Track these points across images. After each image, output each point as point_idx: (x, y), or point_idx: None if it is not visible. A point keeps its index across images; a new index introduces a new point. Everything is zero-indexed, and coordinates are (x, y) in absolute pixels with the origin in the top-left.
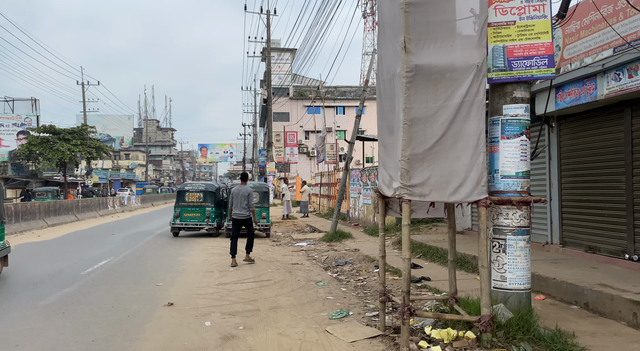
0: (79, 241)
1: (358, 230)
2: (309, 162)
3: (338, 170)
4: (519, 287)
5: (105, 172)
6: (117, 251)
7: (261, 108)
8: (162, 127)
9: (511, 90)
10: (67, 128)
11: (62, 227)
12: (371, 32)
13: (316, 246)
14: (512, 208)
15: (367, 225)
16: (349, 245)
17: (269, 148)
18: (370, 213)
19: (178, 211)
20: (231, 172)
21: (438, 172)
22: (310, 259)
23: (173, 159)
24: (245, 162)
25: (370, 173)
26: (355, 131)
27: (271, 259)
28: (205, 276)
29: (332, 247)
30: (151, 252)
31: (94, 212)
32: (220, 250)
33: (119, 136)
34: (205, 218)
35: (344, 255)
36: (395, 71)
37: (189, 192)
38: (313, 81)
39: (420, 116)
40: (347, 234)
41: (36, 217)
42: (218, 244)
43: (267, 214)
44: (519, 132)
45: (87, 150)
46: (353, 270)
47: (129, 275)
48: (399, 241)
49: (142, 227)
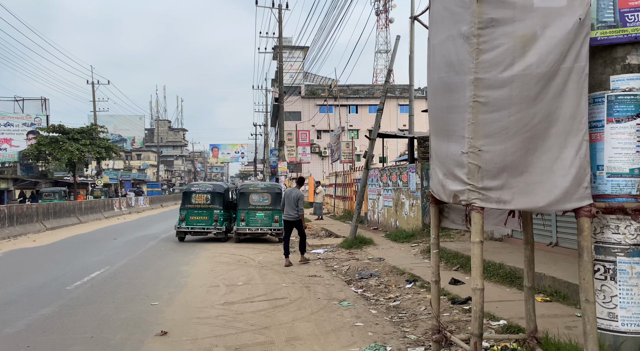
0: (76, 247)
1: (379, 235)
2: (321, 162)
3: (355, 170)
4: (637, 330)
5: (115, 172)
6: (115, 259)
7: (272, 107)
8: (174, 128)
9: (623, 54)
10: (76, 127)
11: (62, 230)
12: (384, 29)
13: (335, 254)
14: (624, 219)
15: (388, 229)
16: (372, 253)
17: (281, 148)
18: (391, 216)
19: (184, 214)
20: (242, 172)
21: (523, 170)
22: (330, 270)
23: (185, 159)
24: (256, 162)
25: (391, 172)
26: (377, 126)
27: (285, 269)
28: (210, 292)
29: (352, 255)
30: (152, 260)
31: (99, 213)
32: (229, 257)
33: (130, 136)
34: (213, 222)
35: (368, 265)
36: (460, 29)
37: (195, 193)
38: (325, 79)
39: (495, 90)
40: (368, 240)
41: (33, 220)
42: (226, 250)
43: (280, 218)
44: (634, 113)
45: (96, 150)
46: (380, 285)
47: (120, 291)
48: (428, 249)
49: (147, 230)
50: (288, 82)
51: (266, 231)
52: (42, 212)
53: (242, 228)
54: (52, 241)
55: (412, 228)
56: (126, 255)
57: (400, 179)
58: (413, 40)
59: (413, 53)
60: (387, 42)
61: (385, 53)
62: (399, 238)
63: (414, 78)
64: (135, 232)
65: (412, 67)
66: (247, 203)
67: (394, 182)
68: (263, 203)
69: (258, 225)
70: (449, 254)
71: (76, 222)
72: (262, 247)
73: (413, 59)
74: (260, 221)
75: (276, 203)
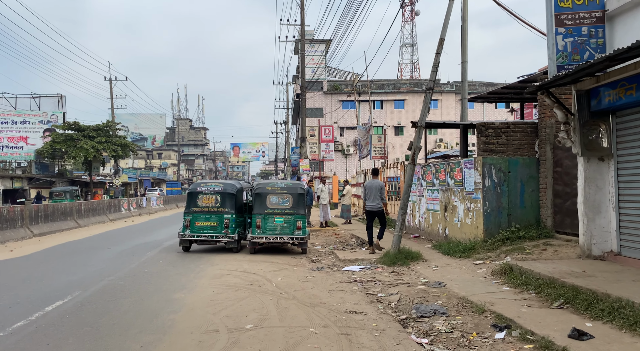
0: (56, 260)
1: (423, 245)
2: (344, 160)
3: (388, 167)
4: None
5: (135, 171)
6: (94, 278)
7: (293, 104)
8: (195, 126)
9: None
10: (91, 125)
11: (52, 236)
12: (409, 22)
13: (374, 272)
14: None
15: (433, 238)
16: (424, 273)
17: (303, 144)
18: (438, 222)
19: (188, 219)
20: (263, 171)
21: None
22: (373, 300)
23: (206, 158)
24: (277, 160)
25: (438, 169)
26: (425, 110)
27: (312, 299)
28: (202, 345)
29: (399, 276)
30: (140, 282)
31: (102, 216)
32: (239, 277)
33: (151, 135)
34: (224, 229)
35: (425, 294)
36: None
37: (202, 194)
38: (347, 74)
39: None
40: (415, 254)
41: (17, 225)
42: (237, 265)
43: (303, 224)
44: None
45: (112, 147)
46: (454, 332)
47: (73, 338)
48: (503, 270)
49: (151, 236)
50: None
51: (287, 240)
52: (28, 215)
53: (258, 236)
54: (33, 251)
55: (469, 239)
56: (111, 272)
57: (450, 177)
58: (466, 7)
59: (466, 22)
60: (412, 35)
61: (410, 47)
62: (453, 251)
63: (467, 53)
64: (136, 238)
65: (465, 38)
66: (264, 206)
67: (441, 180)
68: (283, 206)
69: (277, 233)
70: (539, 281)
71: (74, 226)
72: (282, 261)
73: (466, 30)
74: (279, 228)
75: (299, 206)
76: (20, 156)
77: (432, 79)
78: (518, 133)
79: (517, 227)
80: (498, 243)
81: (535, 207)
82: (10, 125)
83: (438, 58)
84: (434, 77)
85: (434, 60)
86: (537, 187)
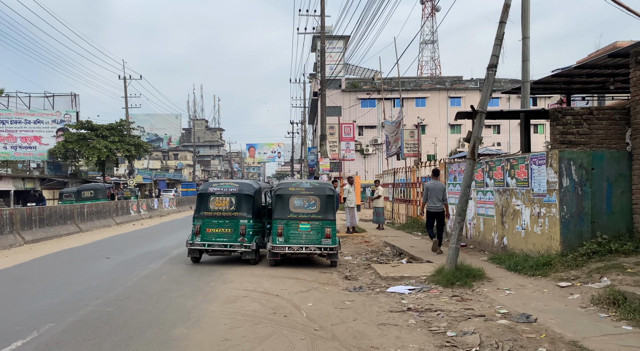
0: (41, 273)
1: (475, 257)
2: (363, 160)
3: (423, 165)
4: None
5: (150, 172)
6: (77, 302)
7: (310, 102)
8: (211, 127)
9: None
10: (104, 124)
11: (47, 243)
12: (430, 18)
13: (429, 296)
14: None
15: (485, 247)
16: (498, 299)
17: (323, 143)
18: (492, 229)
19: (199, 224)
20: (279, 172)
21: None
22: (443, 344)
23: (222, 159)
24: (293, 161)
25: (492, 166)
26: (487, 93)
27: (358, 341)
28: None
29: (464, 303)
30: (133, 308)
31: (108, 219)
32: (259, 300)
33: (166, 135)
34: (239, 236)
35: (512, 333)
36: None
37: (214, 195)
38: (367, 71)
39: None
40: (477, 272)
41: (4, 231)
42: (256, 284)
43: (333, 231)
44: None
45: (125, 147)
46: None
47: None
48: (611, 299)
49: (158, 242)
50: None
51: (313, 250)
52: (19, 219)
53: (280, 246)
54: (17, 262)
55: (539, 252)
56: (101, 293)
57: (511, 176)
58: None
59: None
60: (433, 31)
61: (431, 43)
62: (521, 267)
63: (529, 27)
64: (142, 245)
65: (526, 10)
66: (287, 210)
67: (497, 180)
68: (309, 210)
69: (302, 242)
70: None
71: (74, 230)
72: (309, 277)
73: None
74: (304, 236)
75: (327, 210)
76: (34, 156)
77: (496, 53)
78: (603, 121)
79: (604, 237)
80: (582, 258)
81: (627, 212)
82: (23, 124)
83: (503, 27)
84: (498, 51)
85: (498, 31)
86: (629, 187)
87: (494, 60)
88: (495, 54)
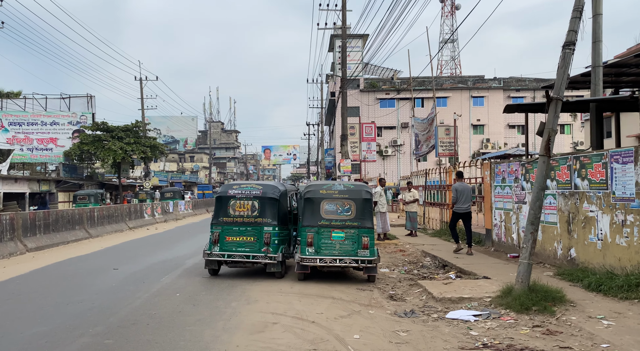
0: (37, 289)
1: (538, 271)
2: (382, 162)
3: (461, 166)
4: None
5: (166, 174)
6: (70, 330)
7: (327, 103)
8: (227, 129)
9: None
10: (120, 125)
11: (52, 251)
12: (449, 17)
13: (502, 325)
14: None
15: (545, 259)
16: (595, 331)
17: (344, 143)
18: (555, 239)
19: (217, 232)
20: (294, 174)
21: None
22: None
23: (237, 162)
24: (309, 163)
25: (555, 166)
26: (564, 75)
27: None
28: None
29: (553, 338)
30: (137, 339)
31: (121, 223)
32: (293, 330)
33: (182, 138)
34: (263, 246)
35: None
36: None
37: (235, 198)
38: (385, 71)
39: None
40: (555, 293)
41: (4, 238)
42: (287, 304)
43: (371, 240)
44: None
45: (141, 148)
46: None
47: None
48: None
49: (172, 249)
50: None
51: (349, 263)
52: (22, 225)
53: (310, 257)
54: (14, 275)
55: (627, 268)
56: (101, 317)
57: (581, 176)
58: None
59: None
60: (452, 30)
61: (451, 43)
62: (607, 287)
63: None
64: (155, 253)
65: None
66: (318, 216)
67: (561, 181)
68: (343, 216)
69: (335, 253)
70: None
71: (83, 236)
72: (347, 295)
73: None
74: (338, 246)
75: (364, 216)
76: (50, 158)
77: (574, 28)
78: None
79: None
80: None
81: None
82: (40, 126)
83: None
84: (576, 24)
85: (576, 2)
86: None
87: (572, 37)
88: (573, 29)
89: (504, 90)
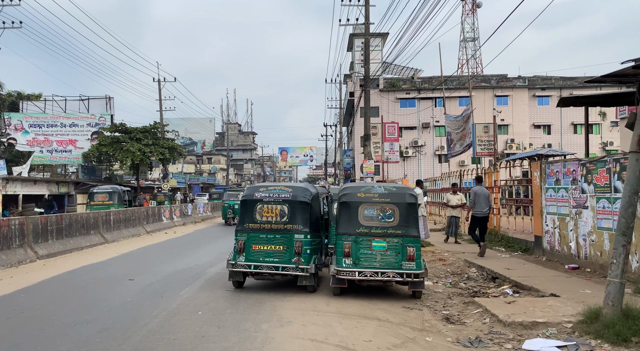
0: (42, 305)
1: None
2: (403, 163)
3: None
4: None
5: (184, 176)
6: None
7: (346, 103)
8: (244, 131)
9: None
10: (138, 126)
11: (64, 258)
12: (470, 15)
13: None
14: None
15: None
16: None
17: (367, 143)
18: None
19: (242, 240)
20: (311, 176)
21: None
22: None
23: (254, 163)
24: (326, 165)
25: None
26: None
27: None
28: None
29: None
30: None
31: (138, 227)
32: None
33: (200, 139)
34: (294, 256)
35: None
36: None
37: (262, 202)
38: (406, 70)
39: None
40: None
41: (13, 244)
42: (326, 326)
43: (417, 252)
44: None
45: (159, 150)
46: None
47: None
48: None
49: (192, 255)
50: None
51: (392, 277)
52: (32, 230)
53: (347, 270)
54: (20, 286)
55: None
56: (112, 345)
57: None
58: None
59: None
60: (473, 29)
61: (471, 41)
62: None
63: None
64: (173, 260)
65: None
66: (355, 223)
67: None
68: (385, 223)
69: (376, 266)
70: None
71: (98, 241)
72: (394, 316)
73: None
74: (380, 257)
75: (409, 223)
76: (69, 160)
77: None
78: None
79: None
80: None
81: None
82: (59, 128)
83: None
84: None
85: None
86: None
87: None
88: None
89: (528, 89)
